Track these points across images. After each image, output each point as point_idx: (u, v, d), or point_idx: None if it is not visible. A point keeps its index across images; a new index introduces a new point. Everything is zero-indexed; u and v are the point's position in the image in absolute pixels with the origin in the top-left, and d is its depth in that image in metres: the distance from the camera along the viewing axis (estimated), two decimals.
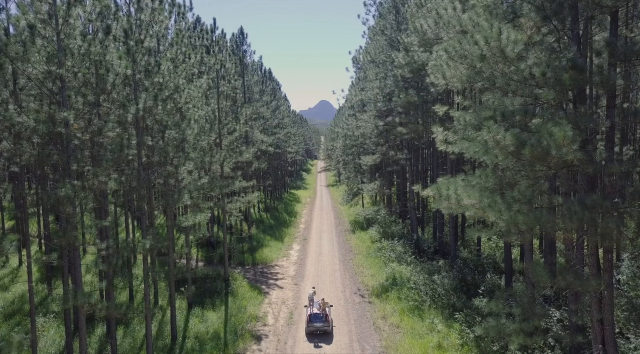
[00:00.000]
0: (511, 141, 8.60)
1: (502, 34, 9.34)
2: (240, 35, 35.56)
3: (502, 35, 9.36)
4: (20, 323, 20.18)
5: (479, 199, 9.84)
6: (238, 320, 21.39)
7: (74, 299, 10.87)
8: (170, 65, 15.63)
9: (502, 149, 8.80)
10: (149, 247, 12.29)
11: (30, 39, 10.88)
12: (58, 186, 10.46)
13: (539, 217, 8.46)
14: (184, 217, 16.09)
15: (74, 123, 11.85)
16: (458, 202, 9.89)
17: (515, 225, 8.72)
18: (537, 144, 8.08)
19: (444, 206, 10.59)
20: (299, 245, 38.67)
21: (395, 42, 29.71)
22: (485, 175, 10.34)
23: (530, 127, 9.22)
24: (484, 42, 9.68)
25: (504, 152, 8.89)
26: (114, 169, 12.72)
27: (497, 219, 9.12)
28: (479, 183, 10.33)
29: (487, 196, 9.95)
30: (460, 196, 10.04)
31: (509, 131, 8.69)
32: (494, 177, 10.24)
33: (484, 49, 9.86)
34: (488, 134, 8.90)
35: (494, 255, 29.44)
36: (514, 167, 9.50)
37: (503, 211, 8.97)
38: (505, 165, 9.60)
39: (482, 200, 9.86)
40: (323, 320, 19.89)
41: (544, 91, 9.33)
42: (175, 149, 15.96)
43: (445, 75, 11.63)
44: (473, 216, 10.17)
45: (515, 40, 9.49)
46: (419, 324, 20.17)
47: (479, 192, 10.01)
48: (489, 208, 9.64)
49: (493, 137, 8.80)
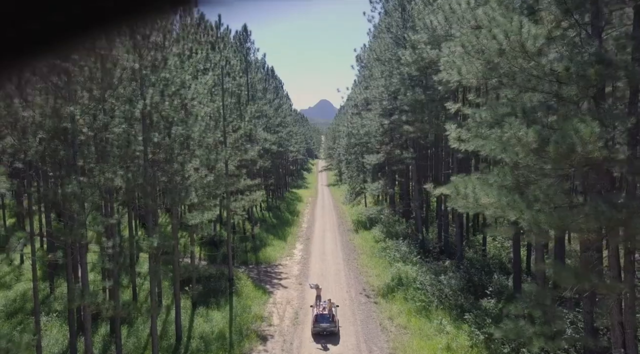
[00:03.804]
0: (533, 137, 8.32)
1: (522, 27, 9.06)
2: (244, 32, 35.29)
3: (523, 29, 9.08)
4: (22, 322, 19.93)
5: (497, 197, 9.57)
6: (243, 320, 21.13)
7: (81, 298, 10.61)
8: (176, 60, 15.36)
9: (523, 146, 8.53)
10: (156, 246, 12.03)
11: None
12: (64, 182, 10.20)
13: (563, 216, 8.20)
14: (190, 215, 15.83)
15: (79, 118, 11.58)
16: (476, 201, 9.62)
17: (537, 225, 8.45)
18: (561, 141, 7.81)
19: (460, 204, 10.33)
20: (302, 244, 38.41)
21: (401, 39, 29.41)
22: (503, 173, 10.07)
23: (551, 124, 8.95)
24: (504, 36, 9.41)
25: (525, 150, 8.62)
26: (120, 165, 12.45)
27: (518, 218, 8.86)
28: (497, 181, 10.06)
29: (505, 194, 9.67)
30: (478, 194, 9.77)
31: (530, 127, 8.41)
32: (512, 175, 9.97)
33: (503, 43, 9.58)
34: (509, 130, 8.62)
35: (500, 255, 29.22)
36: (533, 165, 9.23)
37: (524, 210, 8.70)
38: (525, 163, 9.33)
39: (500, 198, 9.58)
40: (329, 320, 19.62)
41: (565, 87, 9.06)
42: (181, 146, 15.69)
43: (461, 71, 11.34)
44: (492, 214, 9.91)
45: (535, 34, 9.21)
46: (426, 325, 19.91)
47: (497, 191, 9.74)
48: (507, 207, 9.37)
49: (514, 134, 8.52)
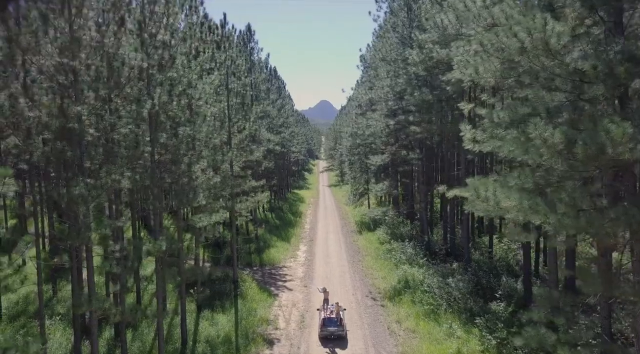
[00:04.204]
0: (560, 138, 8.02)
1: (547, 24, 8.76)
2: (248, 32, 35.00)
3: (547, 26, 8.78)
4: (25, 325, 19.59)
5: (519, 200, 9.26)
6: (248, 323, 20.81)
7: (88, 304, 10.30)
8: (184, 59, 15.06)
9: (549, 148, 8.22)
10: (164, 249, 11.74)
11: (43, 28, 10.30)
12: (72, 184, 9.90)
13: (590, 221, 7.90)
14: (197, 217, 15.54)
15: (86, 118, 11.28)
16: (496, 204, 9.31)
17: (563, 229, 8.15)
18: (590, 142, 7.51)
19: (480, 207, 10.01)
20: (305, 246, 38.12)
21: (407, 39, 29.12)
22: (523, 175, 9.77)
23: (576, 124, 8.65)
24: (526, 33, 9.11)
25: (550, 151, 8.31)
26: (127, 166, 12.15)
27: (543, 222, 8.55)
28: (517, 184, 9.76)
29: (526, 197, 9.37)
30: (498, 197, 9.46)
31: (556, 128, 8.11)
32: (534, 177, 9.66)
33: (525, 41, 9.28)
34: (534, 131, 8.31)
35: (506, 257, 28.89)
36: (557, 167, 8.93)
37: (548, 214, 8.39)
38: (548, 165, 9.03)
39: (521, 202, 9.28)
40: (337, 324, 19.31)
41: (591, 86, 8.76)
42: (187, 147, 15.39)
43: (478, 70, 11.05)
44: (513, 218, 9.59)
45: (559, 32, 8.91)
46: (435, 329, 19.58)
47: (518, 194, 9.43)
48: (529, 210, 9.07)
49: (539, 135, 8.22)
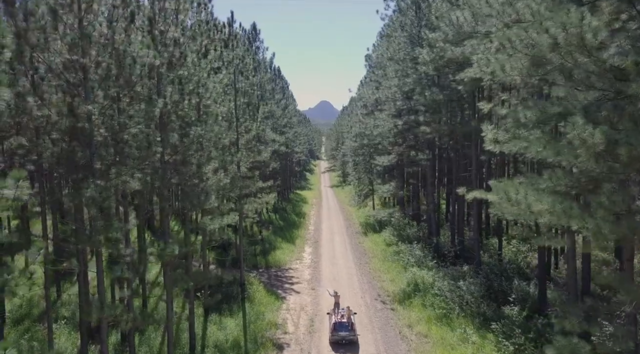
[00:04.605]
0: (600, 139, 7.60)
1: (584, 19, 8.35)
2: (253, 31, 34.61)
3: (584, 21, 8.37)
4: (30, 329, 19.14)
5: (551, 204, 8.84)
6: (257, 327, 20.39)
7: (100, 311, 9.89)
8: (194, 57, 14.65)
9: (588, 148, 7.80)
10: (177, 253, 11.32)
11: (53, 24, 9.89)
12: (83, 186, 9.49)
13: (632, 226, 7.48)
14: (207, 219, 15.12)
15: (96, 118, 10.86)
16: (528, 207, 8.89)
17: (602, 234, 7.74)
18: (636, 142, 7.09)
19: (508, 211, 9.59)
20: (311, 247, 37.69)
21: (416, 38, 28.71)
22: (555, 177, 9.35)
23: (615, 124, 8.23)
24: (560, 28, 8.69)
25: (589, 152, 7.90)
26: (138, 168, 11.73)
27: (580, 227, 8.13)
28: (549, 186, 9.34)
29: (558, 200, 8.95)
30: (529, 200, 9.04)
31: (597, 127, 7.69)
32: (566, 179, 9.24)
33: (558, 37, 8.86)
34: (571, 130, 7.90)
35: (516, 259, 28.45)
36: (594, 169, 8.51)
37: (586, 219, 7.98)
38: (584, 166, 8.61)
39: (554, 205, 8.86)
40: (349, 329, 18.88)
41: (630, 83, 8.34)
42: (197, 147, 14.97)
43: (505, 68, 10.63)
44: (547, 223, 9.18)
45: (596, 27, 8.49)
46: (448, 334, 19.14)
47: (550, 197, 9.01)
48: (563, 214, 8.65)
49: (578, 135, 7.80)
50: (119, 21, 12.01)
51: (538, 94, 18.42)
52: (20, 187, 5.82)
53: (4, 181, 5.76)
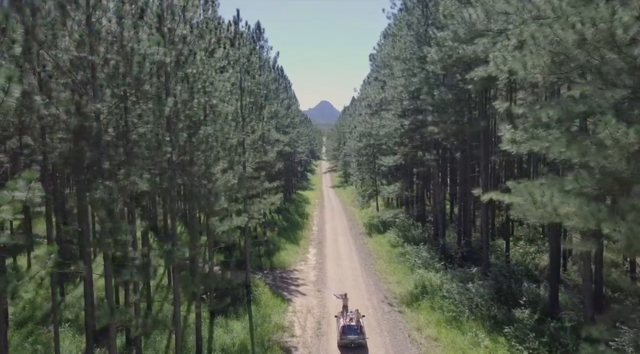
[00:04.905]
0: (635, 138, 7.28)
1: (615, 13, 8.03)
2: (257, 30, 34.29)
3: (615, 16, 8.05)
4: (33, 332, 18.82)
5: (579, 206, 8.52)
6: (264, 330, 20.05)
7: (110, 316, 9.56)
8: (203, 55, 14.33)
9: (621, 149, 7.48)
10: (187, 256, 11.01)
11: (61, 19, 9.58)
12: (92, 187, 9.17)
13: None
14: (215, 220, 14.79)
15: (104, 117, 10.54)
16: (554, 210, 8.57)
17: (636, 238, 7.42)
18: None
19: (533, 213, 9.27)
20: (315, 248, 37.37)
21: (423, 36, 28.40)
22: (581, 178, 9.02)
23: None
24: (590, 23, 8.37)
25: (622, 152, 7.58)
26: (147, 168, 11.41)
27: (610, 231, 7.81)
28: (575, 188, 9.02)
29: (585, 203, 8.63)
30: (555, 202, 8.72)
31: (631, 126, 7.37)
32: (592, 180, 8.92)
33: (586, 33, 8.55)
34: (603, 130, 7.58)
35: (524, 261, 28.12)
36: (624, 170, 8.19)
37: (618, 222, 7.66)
38: (614, 167, 8.28)
39: (581, 208, 8.54)
40: (358, 332, 18.54)
41: None
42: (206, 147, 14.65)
43: (526, 65, 10.30)
44: (574, 226, 8.86)
45: (627, 22, 8.18)
46: (459, 338, 18.81)
47: (577, 199, 8.69)
48: (592, 217, 8.32)
49: (610, 134, 7.48)
50: (127, 18, 11.70)
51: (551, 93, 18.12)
52: (32, 189, 5.49)
53: (15, 182, 5.44)
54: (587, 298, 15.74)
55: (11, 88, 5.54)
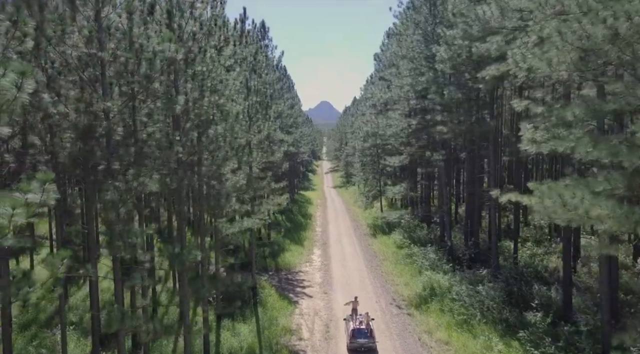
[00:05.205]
0: None
1: None
2: (262, 29, 33.94)
3: None
4: (37, 335, 18.46)
5: (612, 209, 8.17)
6: (271, 333, 19.70)
7: (121, 322, 9.21)
8: (213, 52, 13.99)
9: None
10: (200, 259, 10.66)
11: (70, 14, 9.23)
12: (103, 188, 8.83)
13: None
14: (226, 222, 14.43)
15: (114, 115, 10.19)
16: (586, 212, 8.22)
17: None
18: None
19: (563, 216, 8.90)
20: (319, 249, 37.02)
21: (430, 35, 28.05)
22: (612, 179, 8.68)
23: None
24: (624, 17, 8.03)
25: None
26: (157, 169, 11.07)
27: None
28: (606, 189, 8.67)
29: (618, 205, 8.28)
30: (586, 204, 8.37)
31: None
32: (624, 182, 8.58)
33: (619, 27, 8.20)
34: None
35: (532, 263, 27.76)
36: None
37: None
38: None
39: (614, 210, 8.19)
40: (368, 336, 18.19)
41: None
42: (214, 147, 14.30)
43: (552, 62, 9.95)
44: (607, 230, 8.51)
45: None
46: (470, 341, 18.45)
47: (609, 201, 8.34)
48: (626, 220, 7.98)
49: None
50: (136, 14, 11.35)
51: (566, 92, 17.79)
52: (46, 190, 5.14)
53: (29, 184, 5.09)
54: (604, 302, 15.38)
55: (24, 84, 5.20)
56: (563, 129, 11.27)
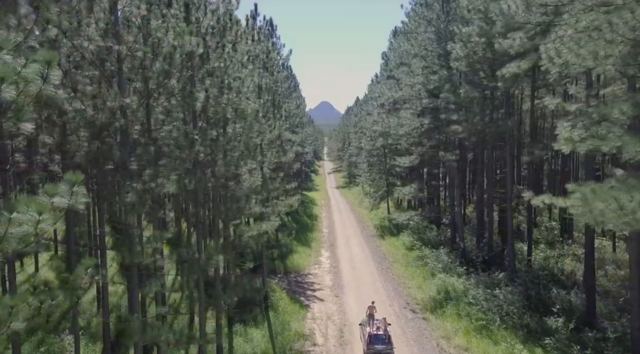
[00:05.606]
0: None
1: None
2: (270, 27, 33.37)
3: None
4: (45, 340, 17.88)
5: None
6: (284, 339, 19.13)
7: (142, 332, 8.64)
8: (230, 48, 13.42)
9: None
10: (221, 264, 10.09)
11: (87, 5, 8.66)
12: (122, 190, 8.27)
13: None
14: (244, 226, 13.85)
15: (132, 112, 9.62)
16: None
17: None
18: None
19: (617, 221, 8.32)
20: (327, 251, 36.45)
21: (443, 33, 27.47)
22: None
23: None
24: None
25: None
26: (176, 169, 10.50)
27: None
28: None
29: None
30: None
31: None
32: None
33: None
34: None
35: (548, 265, 27.16)
36: None
37: None
38: None
39: None
40: (385, 342, 17.59)
41: None
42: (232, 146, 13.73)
43: (598, 56, 9.37)
44: None
45: None
46: (491, 348, 17.86)
47: None
48: None
49: None
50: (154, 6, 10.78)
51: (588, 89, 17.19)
52: (75, 193, 4.57)
53: (56, 187, 4.52)
54: (636, 307, 14.79)
55: (50, 74, 4.63)
56: (601, 128, 10.71)
